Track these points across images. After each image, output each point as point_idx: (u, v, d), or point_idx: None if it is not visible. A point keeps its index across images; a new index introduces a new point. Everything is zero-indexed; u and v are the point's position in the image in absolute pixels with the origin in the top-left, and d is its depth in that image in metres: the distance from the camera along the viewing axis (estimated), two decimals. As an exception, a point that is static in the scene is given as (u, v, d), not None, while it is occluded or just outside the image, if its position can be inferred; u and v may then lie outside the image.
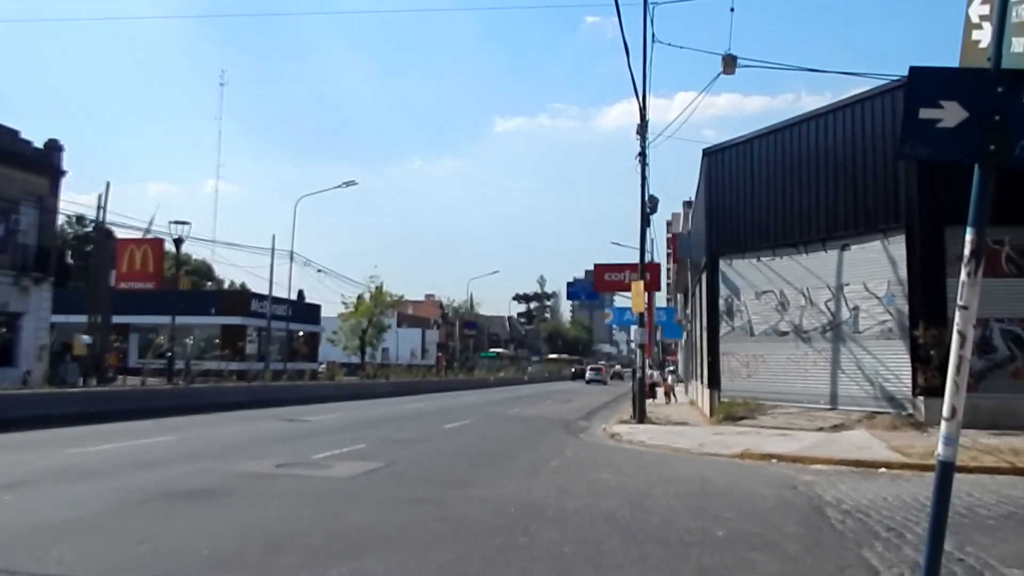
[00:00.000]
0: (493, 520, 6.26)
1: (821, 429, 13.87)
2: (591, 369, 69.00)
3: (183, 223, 25.48)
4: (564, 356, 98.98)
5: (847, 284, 15.42)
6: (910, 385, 13.74)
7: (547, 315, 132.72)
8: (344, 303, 46.74)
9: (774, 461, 10.37)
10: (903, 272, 14.11)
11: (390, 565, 4.82)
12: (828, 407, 15.36)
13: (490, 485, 8.14)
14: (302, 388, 27.39)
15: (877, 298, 14.72)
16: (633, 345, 21.65)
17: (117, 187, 60.40)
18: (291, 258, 35.01)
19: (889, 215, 14.42)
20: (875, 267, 14.75)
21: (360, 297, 46.57)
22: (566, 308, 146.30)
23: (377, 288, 46.52)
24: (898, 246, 14.24)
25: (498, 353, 78.30)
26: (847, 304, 15.39)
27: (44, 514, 6.27)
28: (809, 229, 16.22)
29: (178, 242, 25.45)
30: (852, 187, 15.25)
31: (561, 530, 5.89)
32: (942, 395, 3.28)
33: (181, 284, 40.73)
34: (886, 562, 4.99)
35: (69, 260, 34.56)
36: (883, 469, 9.48)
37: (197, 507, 6.65)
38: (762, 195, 17.47)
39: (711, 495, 7.68)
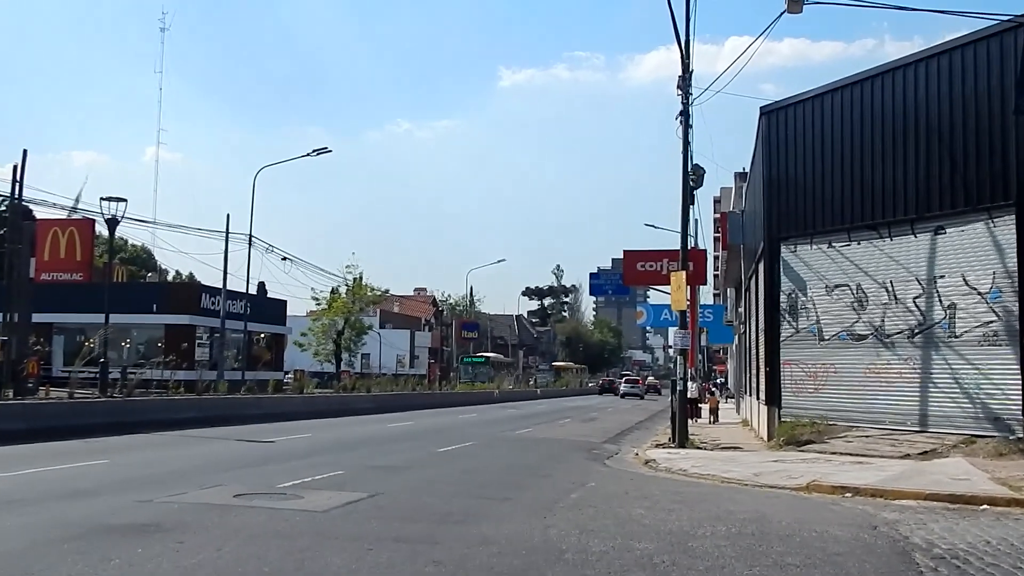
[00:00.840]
0: (500, 564, 6.29)
1: (907, 456, 13.89)
2: (626, 381, 72.58)
3: (117, 200, 25.56)
4: (571, 364, 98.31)
5: (941, 276, 15.35)
6: (1020, 403, 13.67)
7: (565, 314, 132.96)
8: (315, 299, 46.89)
9: (848, 495, 10.41)
10: (1012, 262, 14.02)
11: (375, 618, 4.85)
12: (916, 429, 15.33)
13: (495, 522, 8.19)
14: (265, 402, 27.62)
15: (979, 294, 14.63)
16: (672, 352, 21.63)
17: (35, 157, 60.77)
18: (250, 243, 35.19)
19: (996, 190, 14.32)
20: (977, 255, 14.66)
21: (335, 291, 46.70)
22: (589, 306, 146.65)
23: (355, 280, 46.62)
24: (1006, 229, 14.14)
25: (487, 358, 71.11)
26: (941, 301, 15.32)
27: (-48, 553, 6.35)
28: (894, 208, 16.15)
29: (111, 223, 25.51)
30: (948, 155, 15.15)
31: (585, 577, 5.90)
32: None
33: (116, 275, 40.99)
34: (990, 620, 4.97)
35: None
36: (985, 506, 9.46)
37: (139, 545, 6.71)
38: (835, 164, 17.38)
39: (771, 536, 7.68)
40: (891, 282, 16.22)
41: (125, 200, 25.57)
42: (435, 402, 40.86)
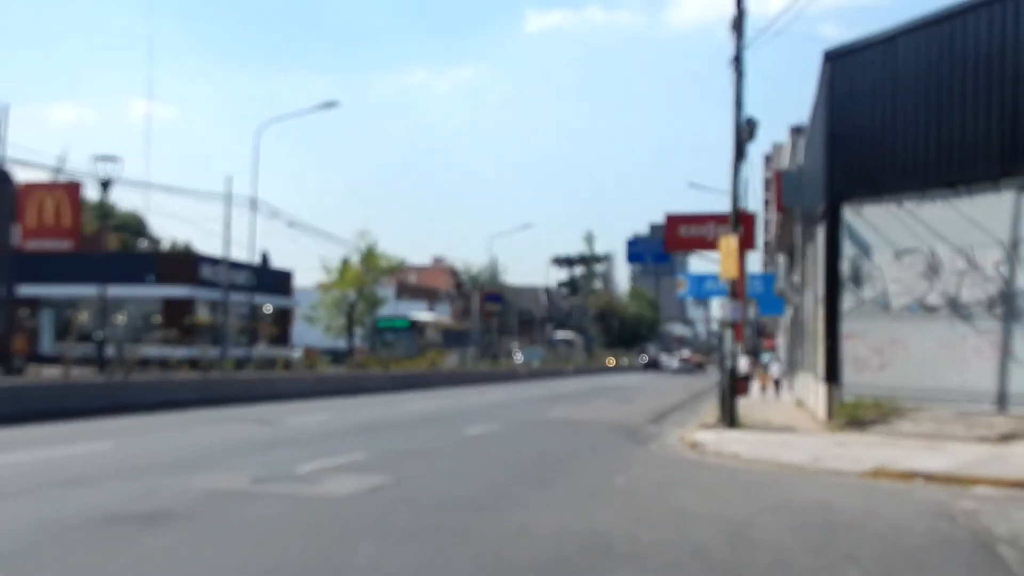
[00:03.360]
0: (544, 555, 6.38)
1: (984, 439, 13.86)
2: (680, 360, 79.68)
3: (110, 159, 25.79)
4: (570, 335, 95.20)
5: (1027, 239, 15.14)
6: (1114, 380, 13.53)
7: (598, 284, 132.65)
8: (325, 268, 47.24)
9: (920, 482, 10.42)
10: (1110, 222, 13.78)
11: (413, 613, 4.95)
12: (994, 409, 15.24)
13: (535, 511, 8.29)
14: (273, 381, 27.99)
15: (1070, 259, 14.42)
16: (716, 325, 21.55)
17: (11, 112, 61.26)
18: (253, 207, 35.40)
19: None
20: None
21: (346, 261, 46.98)
22: (624, 276, 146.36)
23: (369, 249, 46.85)
24: (1103, 185, 13.89)
25: (413, 323, 52.38)
26: (1027, 267, 15.13)
27: (-46, 543, 6.53)
28: (975, 163, 15.90)
29: (105, 185, 25.78)
30: (1038, 102, 14.84)
31: (639, 571, 6.00)
32: None
33: (108, 243, 41.44)
34: (1090, 619, 4.98)
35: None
36: (1076, 494, 9.41)
37: (151, 535, 6.87)
38: (908, 115, 17.10)
39: (838, 527, 7.72)
40: (969, 247, 16.03)
41: (119, 159, 25.78)
42: (457, 380, 41.21)
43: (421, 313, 56.93)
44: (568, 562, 6.23)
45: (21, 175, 36.09)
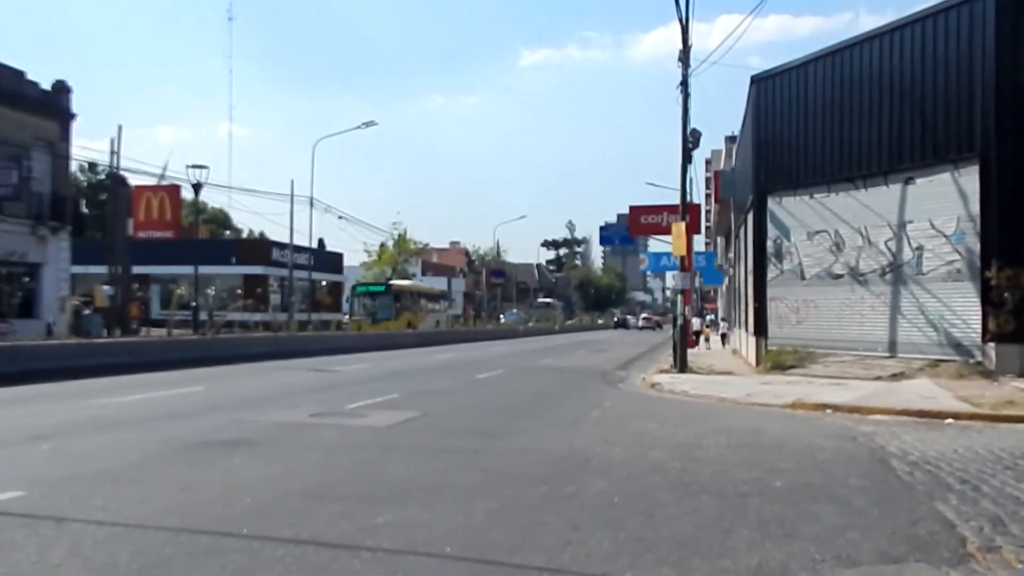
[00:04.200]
0: (536, 470, 6.31)
1: (879, 378, 13.76)
2: (643, 319, 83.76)
3: (201, 167, 25.63)
4: (550, 301, 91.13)
5: (910, 222, 14.97)
6: (979, 331, 13.42)
7: (577, 262, 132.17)
8: (367, 251, 47.18)
9: (829, 411, 10.32)
10: (975, 207, 13.61)
11: (435, 514, 4.89)
12: (886, 355, 15.16)
13: (529, 436, 8.21)
14: (328, 339, 27.85)
15: (944, 236, 14.26)
16: (669, 292, 21.43)
17: (126, 132, 60.70)
18: (311, 204, 35.22)
19: (961, 144, 13.83)
20: (943, 202, 14.25)
21: (383, 245, 46.89)
22: (597, 255, 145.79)
23: (400, 235, 46.85)
24: (970, 178, 13.69)
25: (389, 287, 40.95)
26: (910, 244, 14.97)
27: (82, 463, 6.48)
28: (869, 162, 15.71)
29: (197, 187, 25.63)
30: (920, 114, 14.62)
31: (609, 481, 5.92)
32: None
33: (199, 233, 41.27)
34: (962, 515, 4.91)
35: (84, 209, 35.25)
36: (950, 420, 9.34)
37: (234, 457, 6.81)
38: (817, 125, 16.90)
39: (765, 446, 7.64)
40: (865, 228, 15.87)
41: (208, 167, 25.70)
42: (469, 337, 40.93)
43: (404, 281, 46.90)
44: (555, 474, 6.17)
45: (133, 180, 35.80)
